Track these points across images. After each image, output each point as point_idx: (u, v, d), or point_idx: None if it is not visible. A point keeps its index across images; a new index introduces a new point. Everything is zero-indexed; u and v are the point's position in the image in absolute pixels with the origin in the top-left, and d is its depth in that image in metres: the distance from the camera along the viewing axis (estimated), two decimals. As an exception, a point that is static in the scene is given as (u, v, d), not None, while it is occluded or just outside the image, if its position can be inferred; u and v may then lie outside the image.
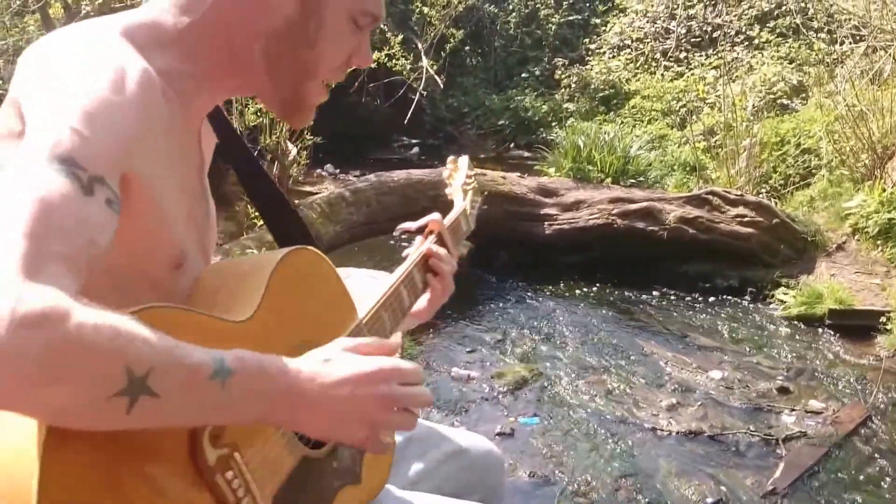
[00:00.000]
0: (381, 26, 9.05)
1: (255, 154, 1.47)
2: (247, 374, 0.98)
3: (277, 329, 1.20)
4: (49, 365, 0.79)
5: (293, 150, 6.78)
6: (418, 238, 1.76)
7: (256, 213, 5.81)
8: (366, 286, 1.48)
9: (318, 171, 9.21)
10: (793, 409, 4.36)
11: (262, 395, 1.01)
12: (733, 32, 10.66)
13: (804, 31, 9.57)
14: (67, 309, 0.81)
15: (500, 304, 5.83)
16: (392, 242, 6.67)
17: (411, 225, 1.79)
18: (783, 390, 4.59)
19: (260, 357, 1.01)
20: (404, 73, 8.62)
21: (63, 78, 1.00)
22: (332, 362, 1.11)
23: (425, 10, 10.21)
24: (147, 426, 0.90)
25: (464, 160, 2.11)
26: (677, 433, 4.13)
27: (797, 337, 5.34)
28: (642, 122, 9.98)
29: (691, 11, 11.18)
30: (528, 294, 6.03)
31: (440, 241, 1.77)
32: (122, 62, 1.04)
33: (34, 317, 0.78)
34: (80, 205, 0.90)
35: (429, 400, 1.20)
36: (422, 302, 1.68)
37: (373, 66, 7.24)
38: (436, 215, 1.78)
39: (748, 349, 5.13)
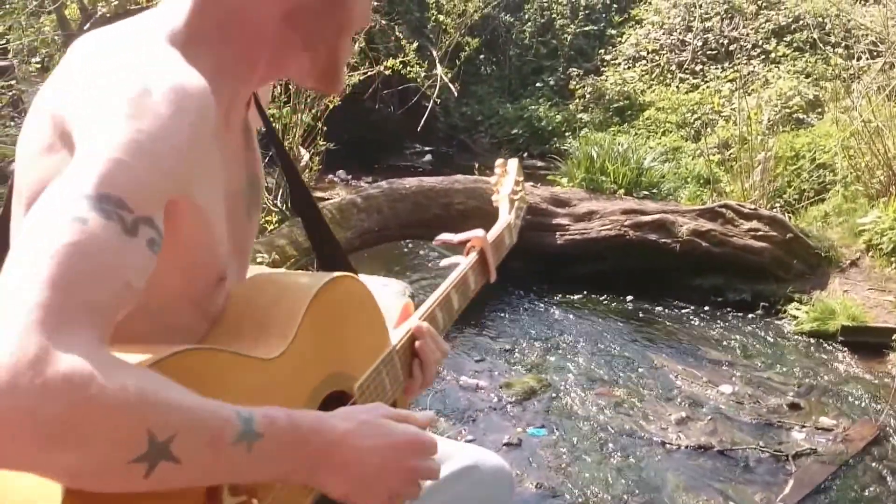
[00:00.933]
0: (397, 33, 9.08)
1: (267, 160, 1.45)
2: (276, 437, 0.95)
3: (307, 363, 1.19)
4: (66, 429, 0.76)
5: (305, 155, 6.78)
6: (458, 257, 1.70)
7: (267, 218, 5.85)
8: (379, 296, 1.46)
9: (330, 176, 9.21)
10: (803, 426, 4.33)
11: (290, 456, 0.98)
12: (750, 46, 10.63)
13: (821, 45, 9.53)
14: (89, 371, 0.78)
15: (510, 314, 5.81)
16: (404, 250, 6.68)
17: (452, 237, 1.72)
18: (794, 406, 4.56)
19: (292, 415, 0.98)
20: (418, 80, 8.61)
21: (116, 102, 0.94)
22: (368, 425, 1.09)
23: (441, 18, 10.21)
24: (164, 489, 0.86)
25: (513, 164, 2.01)
26: (686, 447, 4.10)
27: (809, 353, 5.31)
28: (656, 133, 9.95)
29: (708, 24, 11.15)
30: (538, 304, 6.01)
31: (482, 259, 1.71)
32: (181, 79, 1.00)
33: (54, 380, 0.75)
34: (119, 248, 0.86)
35: (438, 474, 1.19)
36: None
37: (387, 73, 7.28)
38: (479, 232, 1.72)
39: (759, 364, 5.10)
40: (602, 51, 11.81)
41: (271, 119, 5.97)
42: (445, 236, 1.72)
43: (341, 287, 1.30)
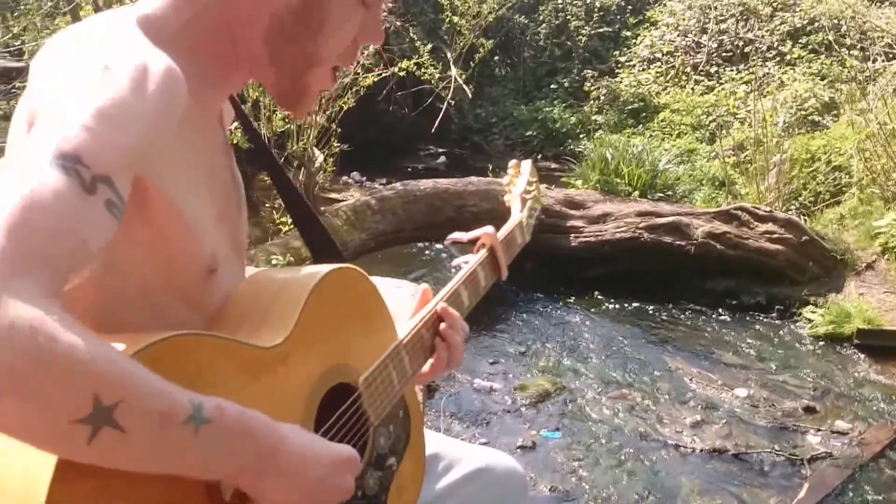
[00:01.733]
0: (412, 35, 9.09)
1: (282, 160, 1.45)
2: (223, 427, 0.93)
3: (309, 353, 1.18)
4: (11, 376, 0.75)
5: (320, 156, 6.79)
6: (468, 256, 1.70)
7: (282, 219, 5.87)
8: (391, 296, 1.46)
9: (345, 178, 9.21)
10: (819, 430, 4.32)
11: (236, 449, 0.96)
12: (765, 48, 10.59)
13: (836, 47, 9.49)
14: (40, 320, 0.77)
15: (524, 316, 5.81)
16: (418, 252, 6.68)
17: (462, 236, 1.72)
18: (809, 410, 4.55)
19: (245, 412, 0.96)
20: (433, 81, 8.62)
21: (80, 73, 0.96)
22: (312, 437, 1.08)
23: (455, 19, 10.22)
24: (109, 464, 0.85)
25: (527, 165, 2.02)
26: (701, 451, 4.09)
27: (824, 356, 5.29)
28: (671, 135, 9.92)
29: (723, 26, 11.11)
30: (553, 306, 6.00)
31: (492, 256, 1.72)
32: (146, 58, 1.00)
33: (1, 322, 0.75)
34: (76, 204, 0.86)
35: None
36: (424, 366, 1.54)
37: (401, 74, 7.29)
38: (489, 228, 1.73)
39: (774, 367, 5.09)
40: (617, 52, 11.79)
41: (286, 118, 6.03)
42: (455, 235, 1.72)
43: (344, 278, 1.29)
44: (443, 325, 1.51)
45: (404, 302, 1.55)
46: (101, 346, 0.83)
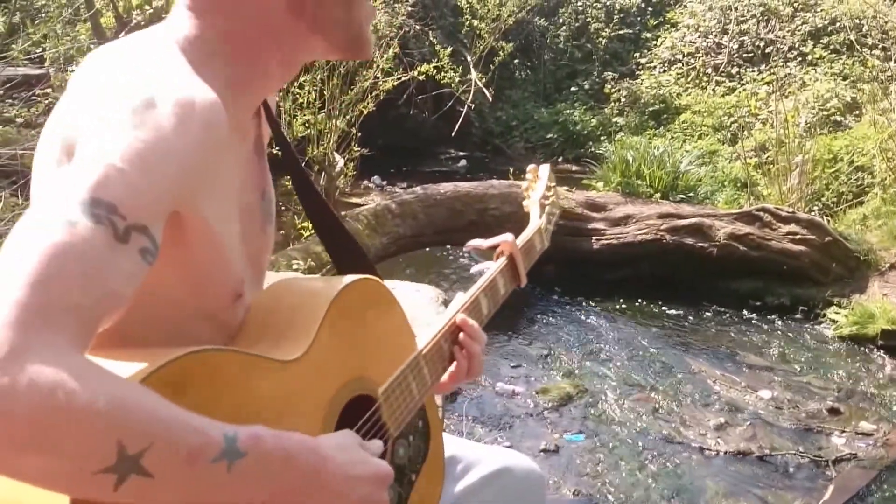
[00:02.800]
0: (431, 39, 9.09)
1: (303, 165, 1.44)
2: (260, 457, 0.92)
3: (329, 366, 1.18)
4: (34, 432, 0.75)
5: (340, 161, 6.81)
6: (487, 263, 1.69)
7: (303, 224, 5.88)
8: (411, 300, 1.45)
9: (365, 182, 9.22)
10: (843, 431, 4.29)
11: (275, 477, 0.95)
12: (786, 48, 10.52)
13: (858, 47, 9.41)
14: (59, 376, 0.77)
15: (546, 319, 5.80)
16: (439, 256, 6.69)
17: (482, 243, 1.72)
18: (834, 411, 4.52)
19: (282, 437, 0.96)
20: (453, 85, 8.63)
21: (122, 108, 0.94)
22: (351, 453, 1.07)
23: (475, 23, 10.22)
24: (139, 503, 0.84)
25: (545, 170, 2.01)
26: (725, 453, 4.07)
27: (848, 357, 5.25)
28: (693, 137, 9.87)
29: (744, 27, 11.05)
30: (575, 309, 5.99)
31: (511, 264, 1.71)
32: (189, 91, 0.99)
33: (21, 382, 0.75)
34: (107, 254, 0.86)
35: None
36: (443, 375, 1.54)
37: (421, 78, 7.30)
38: (508, 236, 1.72)
39: (798, 369, 5.05)
40: (637, 54, 11.74)
41: (307, 123, 6.04)
42: (475, 242, 1.72)
43: (362, 289, 1.29)
44: (462, 335, 1.51)
45: (424, 306, 1.55)
46: (127, 391, 0.83)
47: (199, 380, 0.96)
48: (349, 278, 1.26)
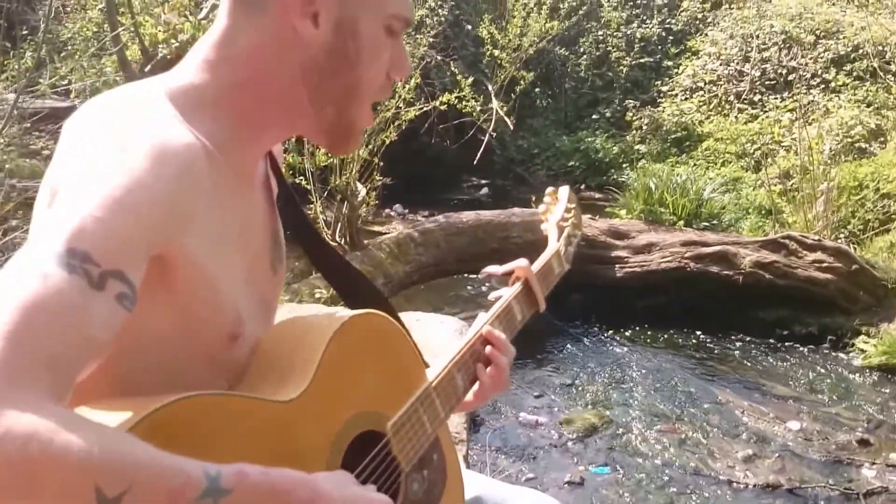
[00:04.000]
0: (453, 69, 9.12)
1: (326, 193, 1.42)
2: (247, 493, 0.91)
3: (331, 402, 1.16)
4: (11, 480, 0.77)
5: (362, 190, 6.81)
6: (504, 289, 1.65)
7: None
8: (435, 333, 1.41)
9: (387, 211, 9.25)
10: (873, 463, 4.21)
11: None
12: (809, 75, 10.46)
13: (882, 74, 9.34)
14: (32, 427, 0.78)
15: (570, 348, 5.74)
16: (460, 284, 6.65)
17: (497, 269, 1.68)
18: (864, 443, 4.43)
19: (269, 473, 0.94)
20: (474, 114, 8.63)
21: (98, 155, 0.96)
22: (346, 489, 1.04)
23: (496, 53, 10.25)
24: None
25: (564, 191, 1.98)
26: (754, 486, 3.99)
27: (878, 387, 5.16)
28: (716, 164, 9.81)
29: (765, 54, 11.00)
30: (598, 338, 5.93)
31: (527, 289, 1.68)
32: (163, 136, 1.00)
33: None
34: (81, 302, 0.87)
35: None
36: (468, 395, 1.51)
37: (442, 107, 7.30)
38: (522, 261, 1.69)
39: (827, 399, 4.97)
40: (658, 82, 11.72)
41: (328, 155, 6.04)
42: (490, 269, 1.68)
43: (364, 323, 1.27)
44: (489, 349, 1.50)
45: (448, 337, 1.51)
46: (104, 437, 0.83)
47: (189, 426, 0.96)
48: (349, 313, 1.24)
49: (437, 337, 3.51)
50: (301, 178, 6.00)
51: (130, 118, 1.02)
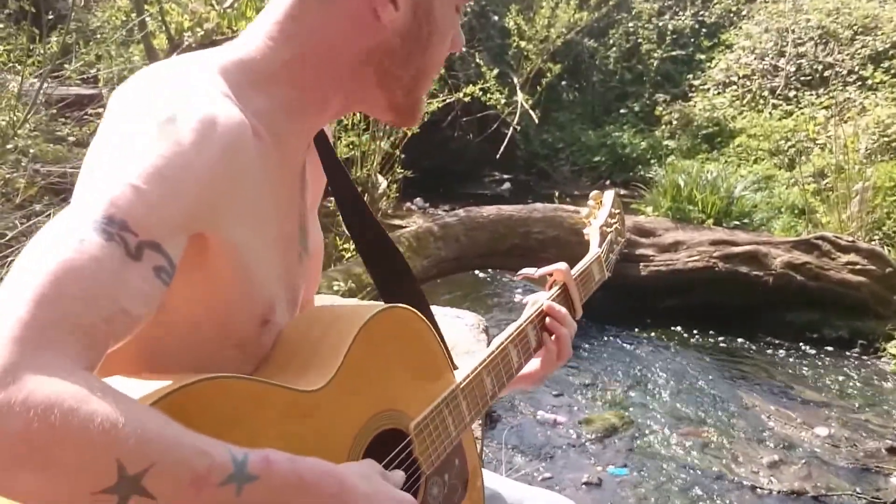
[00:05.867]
0: (478, 60, 9.12)
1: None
2: (273, 482, 0.91)
3: (354, 397, 1.15)
4: (28, 450, 0.75)
5: (383, 183, 6.83)
6: (542, 293, 1.62)
7: (345, 245, 5.89)
8: (452, 327, 1.41)
9: (408, 204, 9.26)
10: (903, 472, 4.18)
11: (287, 502, 0.93)
12: (845, 72, 10.39)
13: (922, 71, 9.28)
14: (55, 394, 0.77)
15: (591, 346, 5.73)
16: (479, 279, 6.66)
17: (533, 272, 1.64)
18: (893, 451, 4.41)
19: (296, 461, 0.94)
20: (498, 107, 8.63)
21: (143, 125, 0.95)
22: (373, 483, 1.03)
23: (522, 44, 10.24)
24: None
25: (609, 196, 1.94)
26: (779, 493, 3.98)
27: (910, 395, 5.12)
28: (748, 161, 9.77)
29: (801, 49, 10.94)
30: (621, 337, 5.92)
31: (565, 294, 1.64)
32: (212, 110, 0.99)
33: (15, 399, 0.75)
34: (116, 271, 0.86)
35: None
36: (534, 363, 1.54)
37: (466, 100, 7.31)
38: (562, 265, 1.65)
39: (857, 405, 4.94)
40: (690, 76, 11.68)
41: (351, 145, 6.07)
42: (527, 271, 1.65)
43: (395, 318, 1.25)
44: (549, 320, 1.55)
45: (465, 332, 1.52)
46: (130, 410, 0.82)
47: (213, 407, 0.95)
48: (379, 306, 1.23)
49: (454, 332, 3.51)
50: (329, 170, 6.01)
51: (180, 91, 1.01)
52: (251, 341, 1.14)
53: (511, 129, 9.40)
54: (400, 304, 1.27)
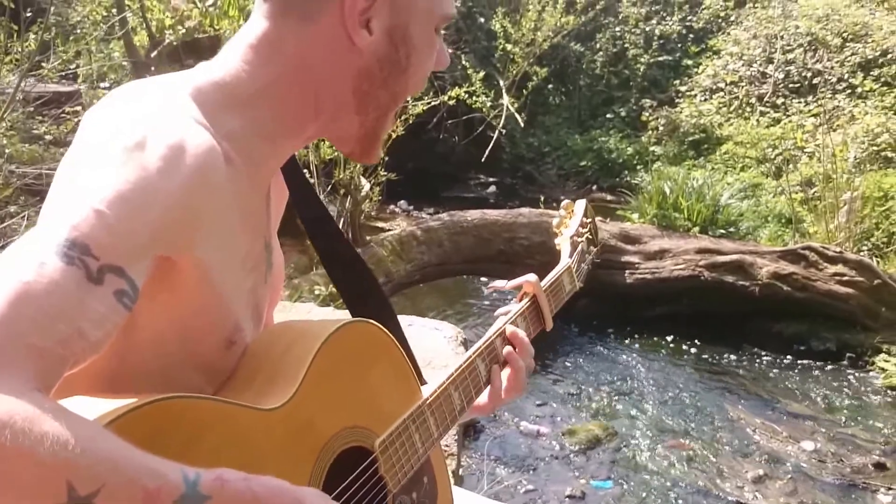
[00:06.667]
0: (464, 62, 9.10)
1: (329, 188, 1.40)
2: (225, 500, 0.90)
3: (317, 414, 1.15)
4: None
5: (366, 185, 6.80)
6: (512, 305, 1.64)
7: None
8: (429, 339, 1.39)
9: (392, 207, 9.25)
10: (889, 488, 4.19)
11: None
12: (834, 79, 10.42)
13: (911, 80, 9.30)
14: (9, 411, 0.78)
15: (575, 356, 5.71)
16: (463, 284, 6.63)
17: (504, 284, 1.66)
18: (880, 466, 4.40)
19: (250, 480, 0.93)
20: (484, 109, 8.60)
21: (109, 151, 0.96)
22: (329, 501, 1.03)
23: (509, 47, 10.23)
24: None
25: (580, 205, 1.95)
26: (764, 508, 3.96)
27: (898, 409, 5.12)
28: (734, 169, 9.77)
29: (790, 56, 10.96)
30: (605, 346, 5.89)
31: (535, 306, 1.66)
32: (181, 136, 1.00)
33: None
34: (76, 294, 0.87)
35: None
36: (483, 396, 1.52)
37: (451, 102, 7.28)
38: (531, 276, 1.66)
39: (844, 419, 4.93)
40: (677, 82, 11.69)
41: (332, 148, 6.05)
42: (497, 283, 1.66)
43: (358, 333, 1.25)
44: (507, 349, 1.52)
45: (443, 345, 1.49)
46: (81, 431, 0.82)
47: (171, 427, 0.95)
48: (342, 321, 1.22)
49: (433, 344, 3.48)
50: (305, 171, 5.98)
51: (150, 115, 1.02)
52: (215, 363, 1.15)
53: (497, 132, 9.38)
54: (364, 319, 1.28)
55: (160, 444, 0.90)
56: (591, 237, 1.95)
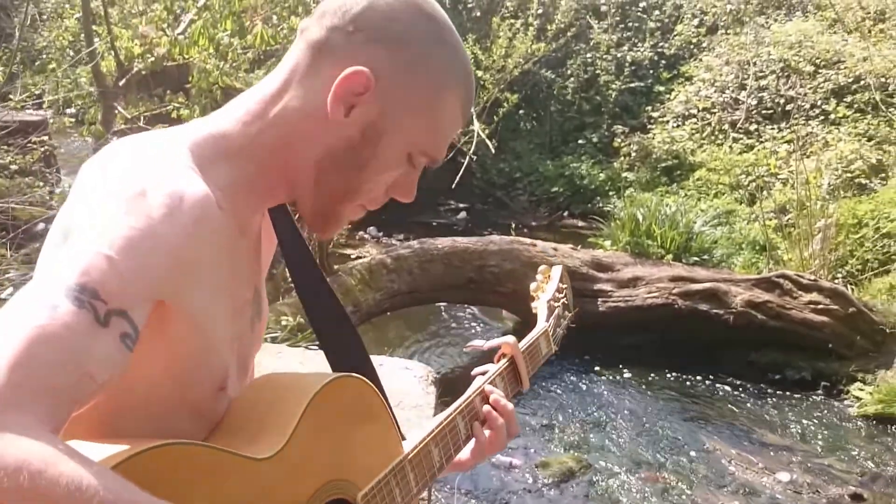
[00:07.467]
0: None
1: (296, 215, 1.42)
2: None
3: (305, 466, 1.19)
4: None
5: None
6: (489, 365, 1.66)
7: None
8: (399, 379, 1.41)
9: (361, 233, 9.24)
10: (867, 520, 4.19)
11: None
12: (808, 106, 10.53)
13: (883, 107, 9.41)
14: (26, 452, 0.81)
15: (548, 386, 5.69)
16: (433, 313, 6.60)
17: (481, 344, 1.74)
18: (856, 497, 4.43)
19: None
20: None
21: (113, 201, 1.02)
22: None
23: (479, 73, 10.27)
24: None
25: (557, 271, 2.01)
26: (740, 541, 3.95)
27: (873, 438, 5.15)
28: (708, 195, 9.83)
29: (763, 82, 11.07)
30: (579, 377, 5.88)
31: (512, 367, 1.69)
32: (180, 184, 1.06)
33: None
34: (85, 338, 0.92)
35: None
36: (464, 452, 1.55)
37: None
38: (510, 338, 1.70)
39: (820, 449, 4.95)
40: (649, 108, 11.77)
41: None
42: (476, 343, 1.75)
43: (347, 388, 1.30)
44: (486, 408, 1.56)
45: (413, 384, 1.51)
46: (93, 473, 0.84)
47: (166, 474, 0.98)
48: (331, 376, 1.27)
49: (402, 383, 3.46)
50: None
51: (149, 165, 1.08)
52: (207, 407, 1.19)
53: (467, 157, 9.41)
54: (351, 374, 1.32)
55: (157, 488, 0.92)
56: (566, 302, 2.01)
